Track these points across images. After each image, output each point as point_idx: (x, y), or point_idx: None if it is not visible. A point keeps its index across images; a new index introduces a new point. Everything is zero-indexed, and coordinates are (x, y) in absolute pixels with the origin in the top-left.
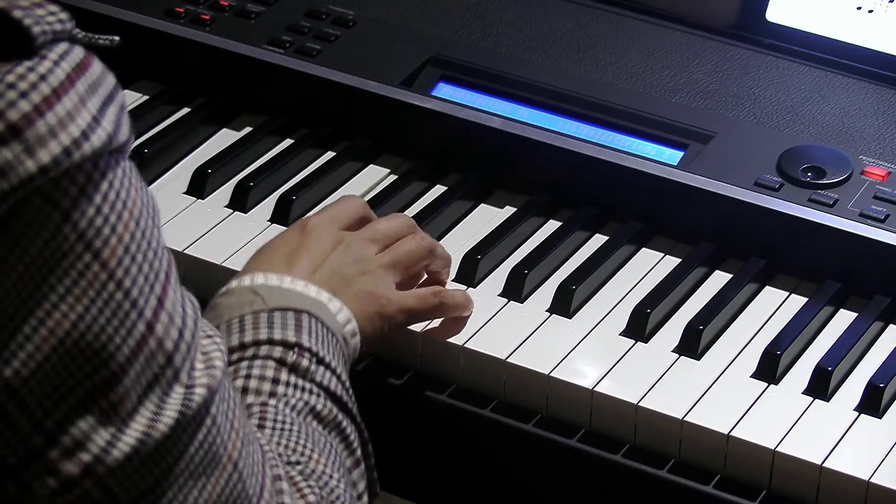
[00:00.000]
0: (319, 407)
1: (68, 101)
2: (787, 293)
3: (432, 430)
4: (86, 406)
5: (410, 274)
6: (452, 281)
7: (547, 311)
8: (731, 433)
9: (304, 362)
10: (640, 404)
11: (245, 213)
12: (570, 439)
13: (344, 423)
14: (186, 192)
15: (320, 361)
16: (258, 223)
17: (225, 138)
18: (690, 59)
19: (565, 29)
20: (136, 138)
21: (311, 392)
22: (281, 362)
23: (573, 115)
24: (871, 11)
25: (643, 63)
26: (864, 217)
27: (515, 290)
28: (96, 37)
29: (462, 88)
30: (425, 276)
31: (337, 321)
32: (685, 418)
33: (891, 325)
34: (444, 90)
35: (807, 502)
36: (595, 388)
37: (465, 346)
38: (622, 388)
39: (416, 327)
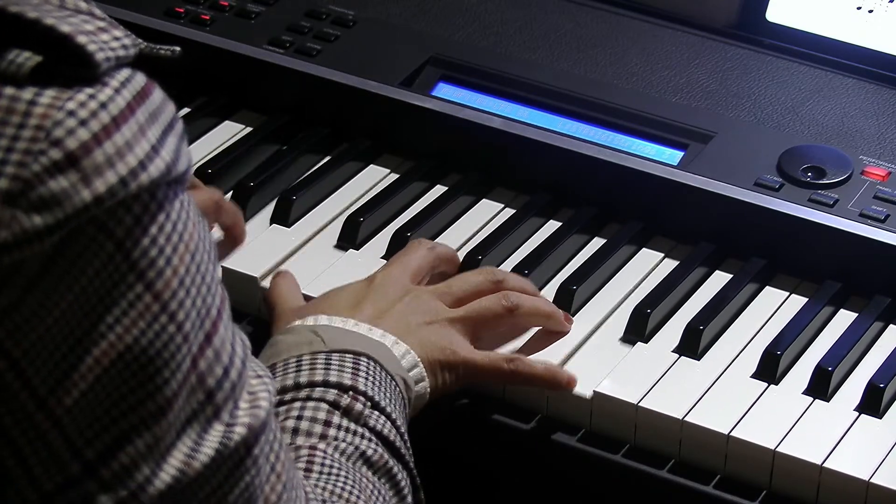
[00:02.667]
0: (370, 452)
1: (127, 130)
2: (788, 293)
3: (432, 431)
4: (128, 438)
5: (488, 329)
6: None
7: None
8: (732, 433)
9: (358, 406)
10: (640, 404)
11: (245, 213)
12: (571, 439)
13: (395, 469)
14: None
15: (375, 406)
16: (257, 224)
17: (225, 138)
18: (690, 59)
19: (565, 29)
20: None
21: (362, 437)
22: (334, 405)
23: (573, 115)
24: (871, 11)
25: (643, 63)
26: (864, 217)
27: None
28: (158, 47)
29: (462, 88)
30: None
31: (401, 365)
32: (685, 418)
33: (891, 325)
34: (444, 90)
35: (807, 502)
36: (595, 388)
37: None
38: (622, 388)
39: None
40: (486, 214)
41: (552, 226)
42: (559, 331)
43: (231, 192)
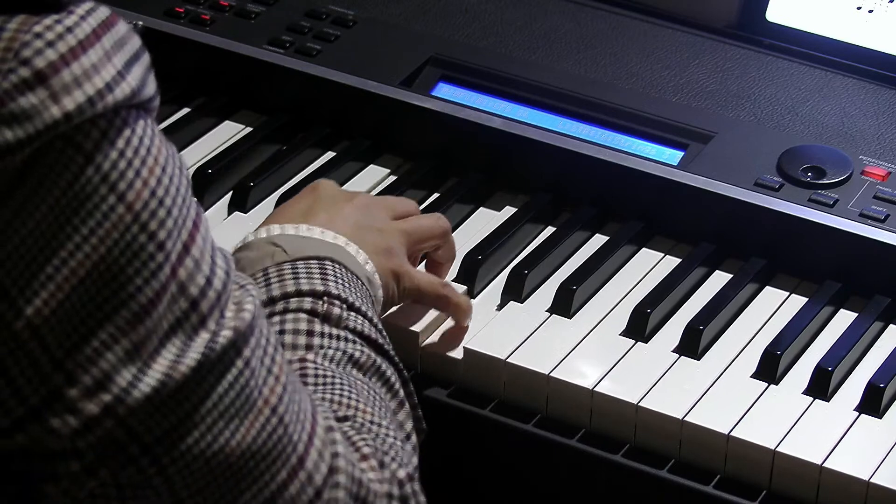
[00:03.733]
0: (357, 354)
1: (93, 54)
2: (787, 293)
3: (432, 431)
4: (107, 346)
5: (418, 249)
6: (453, 281)
7: (547, 311)
8: (731, 433)
9: (336, 310)
10: (640, 404)
11: (245, 213)
12: (570, 439)
13: (383, 367)
14: None
15: (350, 307)
16: (258, 223)
17: (225, 138)
18: (690, 59)
19: (565, 29)
20: None
21: (346, 340)
22: (313, 313)
23: (573, 115)
24: (871, 11)
25: (643, 63)
26: (864, 217)
27: (515, 290)
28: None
29: (462, 88)
30: (423, 262)
31: (358, 262)
32: (685, 418)
33: (891, 325)
34: (444, 90)
35: (807, 502)
36: (595, 388)
37: (466, 346)
38: (622, 388)
39: (417, 326)
40: (487, 215)
41: (552, 226)
42: (446, 269)
43: (231, 192)
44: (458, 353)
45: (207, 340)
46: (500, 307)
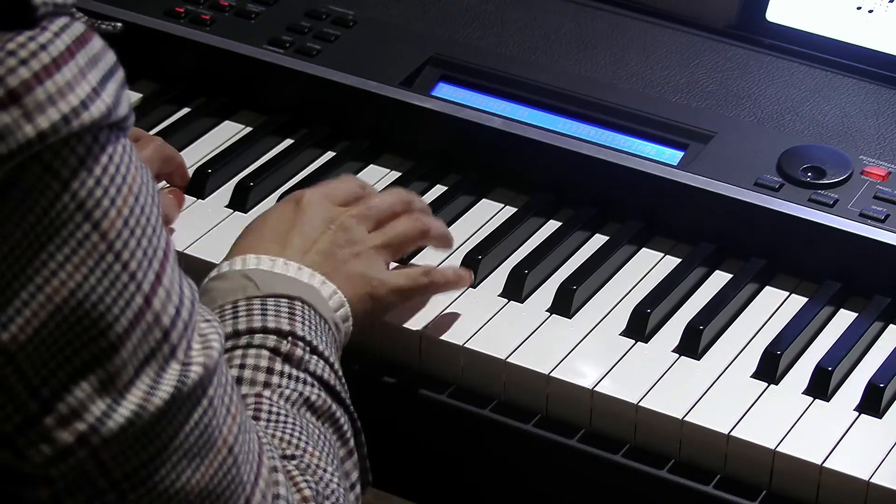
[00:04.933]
0: (314, 398)
1: (68, 72)
2: (787, 293)
3: (432, 431)
4: (82, 375)
5: (403, 252)
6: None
7: (547, 311)
8: (731, 433)
9: (298, 352)
10: (640, 404)
11: (245, 213)
12: (570, 439)
13: (338, 414)
14: (186, 192)
15: (314, 351)
16: None
17: (225, 138)
18: (690, 59)
19: (565, 29)
20: None
21: (304, 382)
22: (275, 352)
23: (573, 115)
24: (871, 11)
25: (643, 63)
26: (864, 217)
27: (515, 290)
28: (99, 22)
29: (462, 88)
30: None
31: (329, 306)
32: (685, 418)
33: (891, 325)
34: (444, 90)
35: (807, 502)
36: (595, 388)
37: (466, 346)
38: (622, 388)
39: (416, 325)
40: (486, 214)
41: (552, 226)
42: (447, 249)
43: (231, 192)
44: (458, 353)
45: (178, 373)
46: (500, 307)
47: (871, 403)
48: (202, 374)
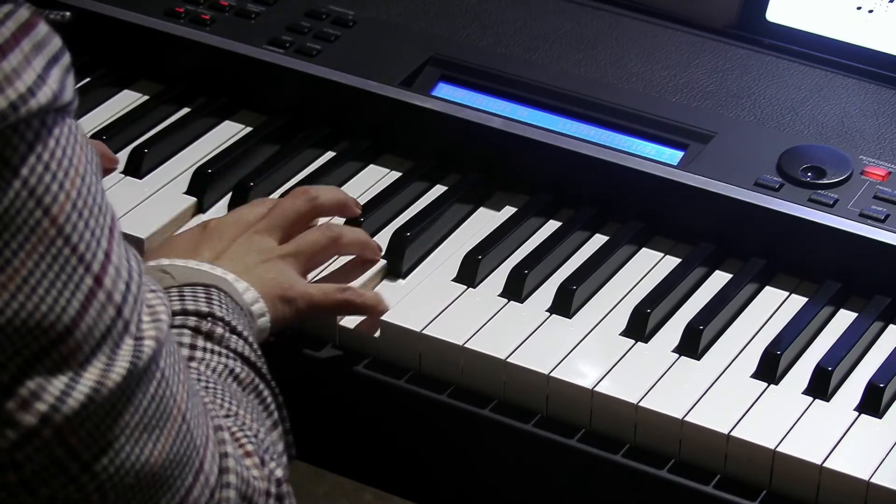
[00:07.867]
0: (238, 370)
1: (13, 59)
2: (787, 293)
3: (432, 431)
4: (39, 359)
5: (317, 263)
6: (453, 281)
7: (547, 311)
8: (731, 433)
9: (219, 330)
10: (640, 404)
11: None
12: (570, 439)
13: (261, 387)
14: (186, 192)
15: (233, 330)
16: None
17: (225, 138)
18: (690, 59)
19: (565, 29)
20: (136, 138)
21: (227, 356)
22: (196, 331)
23: (573, 115)
24: (871, 11)
25: (643, 63)
26: (864, 217)
27: (515, 290)
28: (47, 12)
29: (462, 88)
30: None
31: (244, 299)
32: (685, 418)
33: (891, 325)
34: (444, 90)
35: (807, 502)
36: (595, 388)
37: (466, 346)
38: (622, 388)
39: (416, 326)
40: (487, 215)
41: (552, 226)
42: (372, 259)
43: (231, 192)
44: (458, 353)
45: (132, 348)
46: (500, 307)
47: (871, 403)
48: (155, 348)
